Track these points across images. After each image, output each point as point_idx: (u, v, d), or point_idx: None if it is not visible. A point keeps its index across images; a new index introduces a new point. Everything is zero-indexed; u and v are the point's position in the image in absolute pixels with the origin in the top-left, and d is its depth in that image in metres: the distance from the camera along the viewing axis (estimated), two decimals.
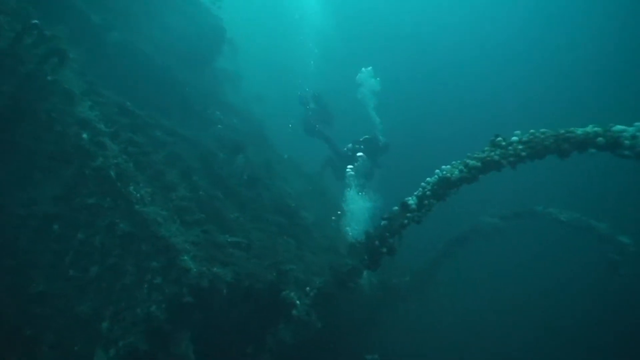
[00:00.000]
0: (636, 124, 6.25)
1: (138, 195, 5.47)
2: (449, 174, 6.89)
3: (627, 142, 6.15)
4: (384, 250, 7.08)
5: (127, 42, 11.39)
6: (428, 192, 6.94)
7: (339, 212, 11.57)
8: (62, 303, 5.39)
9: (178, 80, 12.93)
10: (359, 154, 12.64)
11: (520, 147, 6.74)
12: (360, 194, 11.25)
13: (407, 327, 14.06)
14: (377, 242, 7.07)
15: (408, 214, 6.94)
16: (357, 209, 10.62)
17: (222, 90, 17.14)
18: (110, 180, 5.50)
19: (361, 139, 13.11)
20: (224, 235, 6.63)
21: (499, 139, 6.90)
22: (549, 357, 17.47)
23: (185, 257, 5.24)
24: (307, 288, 7.29)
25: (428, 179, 7.01)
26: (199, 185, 7.64)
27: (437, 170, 7.01)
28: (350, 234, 9.69)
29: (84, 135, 5.63)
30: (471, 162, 6.85)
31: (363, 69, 14.22)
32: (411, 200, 6.97)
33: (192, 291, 5.19)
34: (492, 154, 6.81)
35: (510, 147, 6.79)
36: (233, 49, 19.26)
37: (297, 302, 7.06)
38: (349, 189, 11.40)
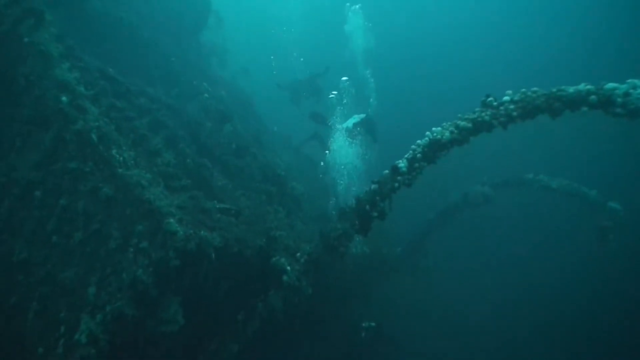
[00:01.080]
0: (629, 81, 6.16)
1: (120, 158, 5.30)
2: (439, 136, 6.78)
3: (619, 99, 6.07)
4: (375, 214, 7.01)
5: (109, 10, 11.05)
6: (419, 155, 6.84)
7: (326, 155, 11.43)
8: (46, 270, 5.28)
9: (163, 51, 12.64)
10: (344, 78, 12.40)
11: (511, 107, 6.64)
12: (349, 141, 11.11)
13: (400, 298, 14.15)
14: (367, 207, 6.99)
15: (399, 177, 6.85)
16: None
17: (208, 63, 16.85)
18: (92, 143, 5.32)
19: (357, 121, 12.89)
20: (211, 202, 6.51)
21: (490, 99, 6.79)
22: (540, 329, 17.72)
23: (171, 220, 5.12)
24: (298, 254, 7.22)
25: (418, 141, 6.90)
26: (186, 153, 7.47)
27: (427, 133, 6.89)
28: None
29: (63, 99, 5.41)
30: (462, 124, 6.74)
31: (348, 4, 13.66)
32: (401, 164, 6.87)
33: (179, 255, 5.09)
34: (483, 114, 6.71)
35: (501, 108, 6.68)
36: (219, 21, 18.85)
37: (288, 268, 7.00)
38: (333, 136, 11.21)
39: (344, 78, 12.40)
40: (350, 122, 12.93)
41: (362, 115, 12.88)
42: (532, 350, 16.78)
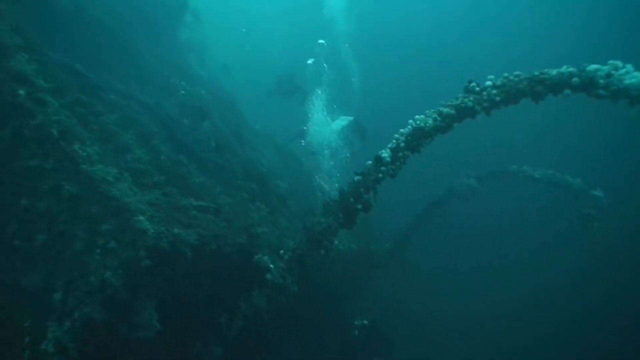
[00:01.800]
0: (610, 62, 6.04)
1: (84, 154, 4.96)
2: (422, 124, 6.57)
3: (601, 81, 5.94)
4: (359, 207, 6.77)
5: (79, 7, 10.63)
6: (402, 144, 6.63)
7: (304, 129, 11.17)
8: (8, 276, 4.91)
9: (137, 49, 12.24)
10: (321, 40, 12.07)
11: (494, 92, 6.47)
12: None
13: (391, 294, 14.04)
14: (351, 199, 6.75)
15: (382, 168, 6.63)
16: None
17: (186, 61, 16.44)
18: (53, 139, 4.97)
19: (346, 124, 12.68)
20: (188, 199, 6.18)
21: (473, 84, 6.61)
22: (530, 320, 17.69)
23: (141, 218, 4.79)
24: (281, 251, 6.95)
25: (401, 130, 6.68)
26: (160, 150, 7.13)
27: (410, 121, 6.68)
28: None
29: (21, 92, 5.06)
30: (445, 110, 6.55)
31: None
32: (385, 153, 6.65)
33: (151, 254, 4.77)
34: (466, 100, 6.52)
35: (484, 93, 6.51)
36: (196, 19, 18.43)
37: (271, 265, 6.73)
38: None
39: (321, 41, 12.00)
40: (338, 125, 12.72)
41: (350, 118, 12.71)
42: (523, 341, 16.74)
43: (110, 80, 8.27)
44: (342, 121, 12.60)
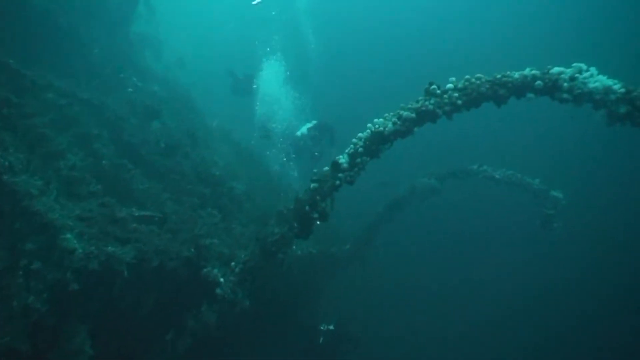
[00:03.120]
0: (574, 64, 5.92)
1: (6, 163, 4.41)
2: (382, 128, 6.29)
3: (565, 84, 5.81)
4: (315, 215, 6.43)
5: None
6: (360, 149, 6.33)
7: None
8: None
9: (84, 41, 11.45)
10: None
11: (455, 94, 6.25)
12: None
13: (354, 295, 13.91)
14: (307, 207, 6.40)
15: (340, 174, 6.31)
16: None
17: (140, 55, 15.62)
18: None
19: (311, 126, 12.43)
20: (129, 209, 5.68)
21: (434, 87, 6.37)
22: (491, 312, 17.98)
23: (68, 235, 4.30)
24: (232, 263, 6.55)
25: (360, 134, 6.39)
26: (102, 154, 6.57)
27: (369, 125, 6.39)
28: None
29: None
30: (405, 114, 6.28)
31: None
32: (342, 159, 6.34)
33: (79, 277, 4.28)
34: (427, 103, 6.28)
35: (445, 96, 6.28)
36: (150, 11, 17.58)
37: (221, 279, 6.32)
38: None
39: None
40: (304, 128, 12.45)
41: (314, 122, 12.47)
42: (486, 330, 17.00)
43: (49, 77, 7.59)
44: (308, 124, 12.40)
